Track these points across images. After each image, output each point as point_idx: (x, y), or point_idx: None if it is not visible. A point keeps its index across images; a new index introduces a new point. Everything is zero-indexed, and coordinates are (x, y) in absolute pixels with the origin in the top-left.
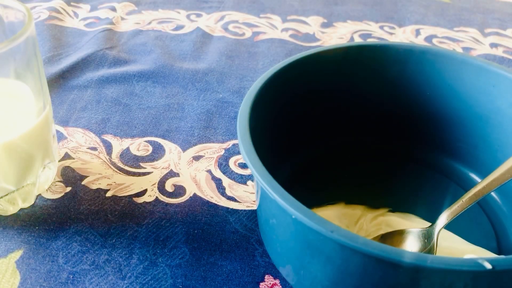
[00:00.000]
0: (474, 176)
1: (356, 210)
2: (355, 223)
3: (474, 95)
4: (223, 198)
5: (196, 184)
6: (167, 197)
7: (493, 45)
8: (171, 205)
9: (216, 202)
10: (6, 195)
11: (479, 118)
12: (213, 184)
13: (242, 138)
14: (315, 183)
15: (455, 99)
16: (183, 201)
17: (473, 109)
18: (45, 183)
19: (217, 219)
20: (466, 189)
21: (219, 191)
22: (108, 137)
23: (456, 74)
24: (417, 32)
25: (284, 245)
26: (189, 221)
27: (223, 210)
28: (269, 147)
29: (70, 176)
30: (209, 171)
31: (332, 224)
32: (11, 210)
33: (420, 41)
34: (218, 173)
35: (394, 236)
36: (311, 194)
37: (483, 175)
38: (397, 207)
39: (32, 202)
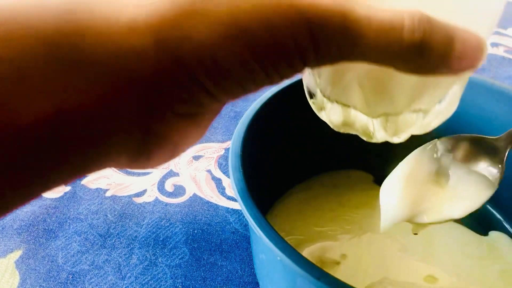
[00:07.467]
0: None
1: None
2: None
3: None
4: (223, 198)
5: (196, 184)
6: (167, 197)
7: (494, 45)
8: (171, 205)
9: (216, 202)
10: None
11: None
12: (213, 184)
13: (233, 165)
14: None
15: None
16: (183, 201)
17: None
18: (430, 123)
19: (217, 219)
20: None
21: (219, 191)
22: None
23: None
24: None
25: (274, 281)
26: (189, 221)
27: (223, 210)
28: (277, 170)
29: None
30: (209, 171)
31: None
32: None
33: None
34: (218, 173)
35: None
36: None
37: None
38: None
39: (402, 140)
